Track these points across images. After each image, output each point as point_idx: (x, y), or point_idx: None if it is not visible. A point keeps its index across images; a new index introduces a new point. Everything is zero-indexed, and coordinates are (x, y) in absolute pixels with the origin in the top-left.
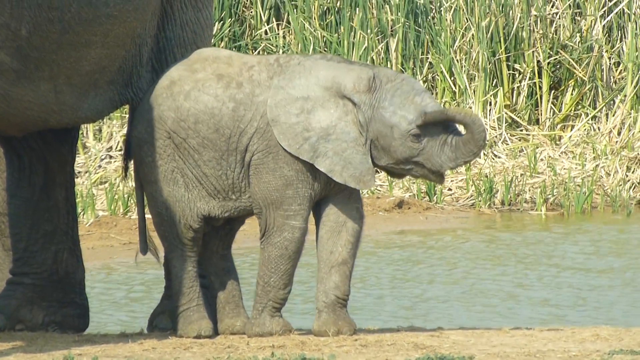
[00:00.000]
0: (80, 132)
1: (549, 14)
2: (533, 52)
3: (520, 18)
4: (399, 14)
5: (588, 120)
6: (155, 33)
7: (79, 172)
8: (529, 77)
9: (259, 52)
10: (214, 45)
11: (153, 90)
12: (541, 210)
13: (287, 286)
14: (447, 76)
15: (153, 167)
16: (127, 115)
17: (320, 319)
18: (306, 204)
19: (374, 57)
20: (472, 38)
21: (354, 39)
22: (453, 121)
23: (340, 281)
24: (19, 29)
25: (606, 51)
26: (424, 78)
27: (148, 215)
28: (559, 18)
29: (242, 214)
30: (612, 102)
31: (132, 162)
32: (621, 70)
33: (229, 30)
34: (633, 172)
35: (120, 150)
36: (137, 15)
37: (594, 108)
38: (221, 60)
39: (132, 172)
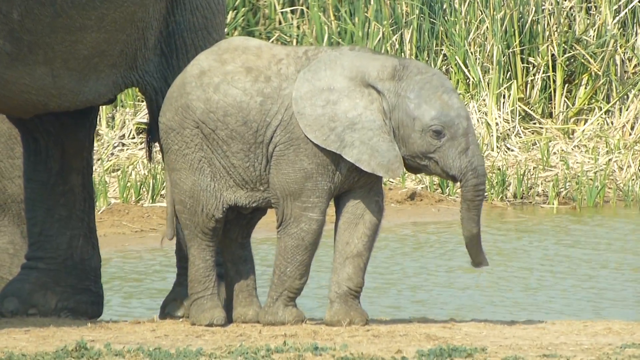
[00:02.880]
0: None
1: (564, 7)
2: (547, 45)
3: (535, 11)
4: (414, 5)
5: (601, 114)
6: (163, 17)
7: None
8: (543, 71)
9: (272, 41)
10: (228, 34)
11: (182, 78)
12: (553, 204)
13: (303, 276)
14: (462, 68)
15: (179, 155)
16: (141, 103)
17: (332, 309)
18: (325, 197)
19: (388, 48)
20: (487, 30)
21: (368, 29)
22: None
23: (353, 273)
24: (10, 12)
25: (620, 46)
26: (438, 69)
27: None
28: (574, 12)
29: (268, 204)
30: (625, 96)
31: (157, 147)
32: (635, 64)
33: (243, 19)
34: None
35: (133, 138)
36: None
37: (608, 102)
38: (250, 52)
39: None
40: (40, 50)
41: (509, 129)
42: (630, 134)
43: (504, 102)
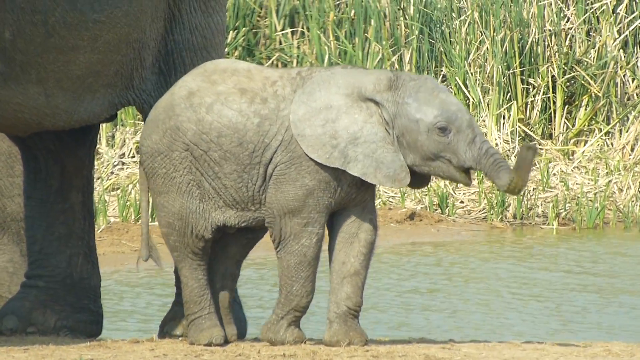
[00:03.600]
0: None
1: (564, 29)
2: (548, 66)
3: (535, 32)
4: (413, 25)
5: (601, 135)
6: (161, 36)
7: None
8: (543, 92)
9: (273, 61)
10: (228, 54)
11: (168, 100)
12: (553, 225)
13: (309, 294)
14: (462, 89)
15: (167, 178)
16: (141, 122)
17: (331, 329)
18: (325, 212)
19: (388, 69)
20: (487, 51)
21: (368, 50)
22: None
23: (352, 292)
24: (2, 31)
25: (621, 67)
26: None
27: (152, 223)
28: (574, 33)
29: (258, 224)
30: (626, 118)
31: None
32: (636, 86)
33: (244, 39)
34: None
35: (133, 157)
36: (129, 20)
37: (608, 124)
38: (240, 74)
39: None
40: (33, 70)
41: (509, 150)
42: (630, 156)
43: (504, 123)
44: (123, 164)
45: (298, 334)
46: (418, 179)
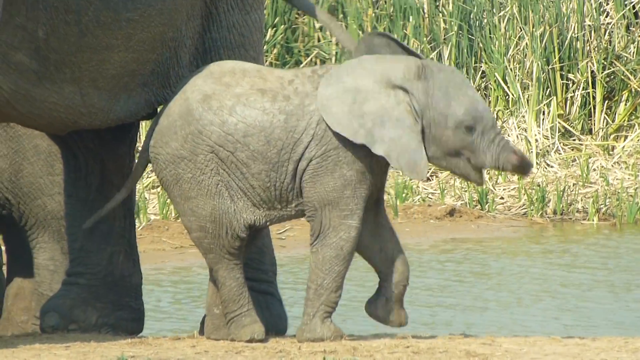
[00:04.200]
0: None
1: (603, 24)
2: (587, 62)
3: (574, 28)
4: (453, 21)
5: None
6: (198, 34)
7: None
8: (583, 87)
9: (311, 59)
10: (267, 51)
11: (183, 106)
12: (593, 220)
13: (339, 289)
14: (501, 84)
15: (194, 182)
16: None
17: (395, 311)
18: (362, 204)
19: None
20: (526, 47)
21: None
22: None
23: (404, 269)
24: (36, 30)
25: None
26: (477, 86)
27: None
28: (614, 28)
29: (281, 221)
30: None
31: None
32: None
33: (282, 37)
34: None
35: None
36: (163, 19)
37: None
38: (252, 75)
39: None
40: (67, 69)
41: (549, 146)
42: None
43: (543, 119)
44: None
45: (335, 329)
46: None
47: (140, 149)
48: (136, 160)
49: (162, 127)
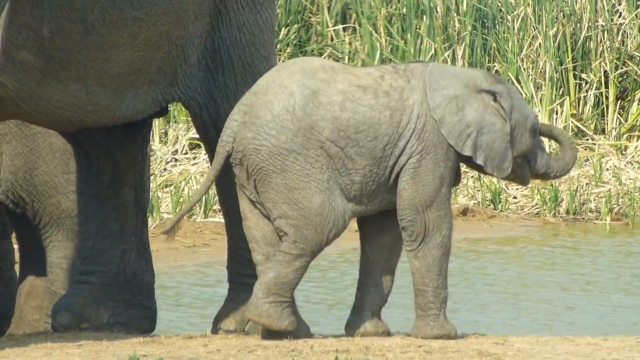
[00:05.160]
0: None
1: (616, 24)
2: (600, 62)
3: (587, 28)
4: (466, 21)
5: None
6: (207, 33)
7: None
8: (596, 87)
9: (325, 58)
10: (280, 50)
11: (287, 100)
12: (606, 220)
13: (447, 284)
14: (514, 84)
15: (302, 174)
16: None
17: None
18: (450, 200)
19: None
20: (539, 47)
21: (420, 46)
22: (554, 138)
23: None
24: (41, 28)
25: None
26: None
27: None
28: (627, 28)
29: (355, 217)
30: None
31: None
32: None
33: (295, 36)
34: None
35: (185, 153)
36: (169, 18)
37: None
38: (340, 71)
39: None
40: (73, 67)
41: None
42: None
43: (556, 118)
44: (176, 160)
45: (454, 327)
46: None
47: (220, 140)
48: (217, 149)
49: (264, 120)
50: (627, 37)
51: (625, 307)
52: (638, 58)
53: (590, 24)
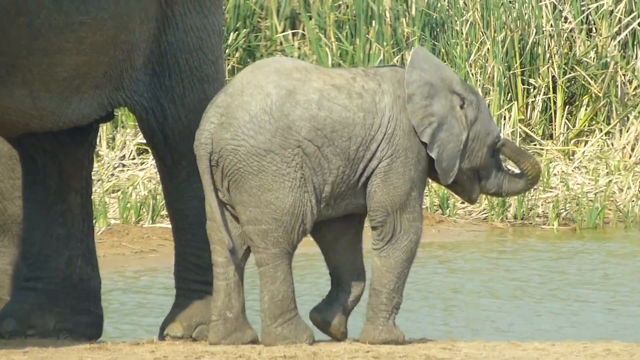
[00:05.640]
0: None
1: (564, 29)
2: (548, 67)
3: (535, 33)
4: (415, 26)
5: (602, 135)
6: (153, 37)
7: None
8: (544, 92)
9: None
10: (229, 55)
11: (264, 101)
12: (553, 225)
13: (402, 291)
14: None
15: (278, 175)
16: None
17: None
18: (421, 205)
19: None
20: (488, 52)
21: (369, 51)
22: (517, 163)
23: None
24: None
25: (621, 68)
26: None
27: (153, 225)
28: (574, 34)
29: (321, 219)
30: (626, 118)
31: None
32: (635, 86)
33: (244, 41)
34: None
35: (133, 158)
36: (115, 22)
37: (608, 124)
38: (314, 71)
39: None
40: (19, 72)
41: None
42: (630, 156)
43: (504, 124)
44: (123, 165)
45: (402, 333)
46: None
47: (199, 144)
48: (198, 155)
49: (242, 121)
50: (575, 42)
51: (553, 313)
52: (586, 63)
53: (538, 29)
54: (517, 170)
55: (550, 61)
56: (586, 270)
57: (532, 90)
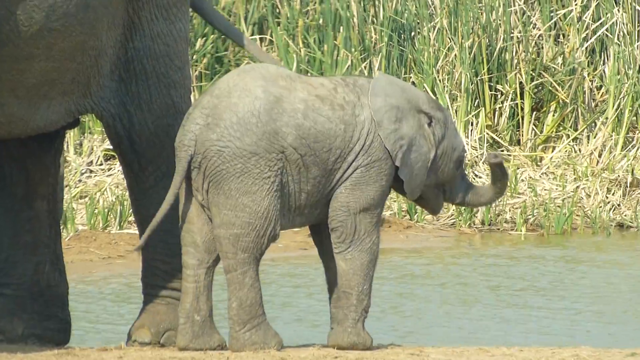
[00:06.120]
0: None
1: (532, 35)
2: (515, 73)
3: (503, 39)
4: (383, 32)
5: (569, 142)
6: (120, 43)
7: None
8: (511, 98)
9: None
10: (197, 61)
11: (252, 104)
12: (521, 231)
13: (370, 294)
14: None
15: (259, 178)
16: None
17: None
18: (382, 211)
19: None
20: (455, 58)
21: (337, 57)
22: (492, 174)
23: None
24: None
25: (588, 74)
26: None
27: (120, 231)
28: (542, 40)
29: (292, 228)
30: (593, 124)
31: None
32: (603, 92)
33: (212, 47)
34: (613, 194)
35: (101, 164)
36: (84, 28)
37: (576, 130)
38: (297, 80)
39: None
40: None
41: (477, 156)
42: (597, 162)
43: (472, 130)
44: (91, 171)
45: (370, 337)
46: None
47: (181, 145)
48: (177, 157)
49: (229, 122)
50: (542, 49)
51: (503, 319)
52: (553, 69)
53: (505, 35)
54: (482, 183)
55: (517, 67)
56: (539, 276)
57: (499, 96)
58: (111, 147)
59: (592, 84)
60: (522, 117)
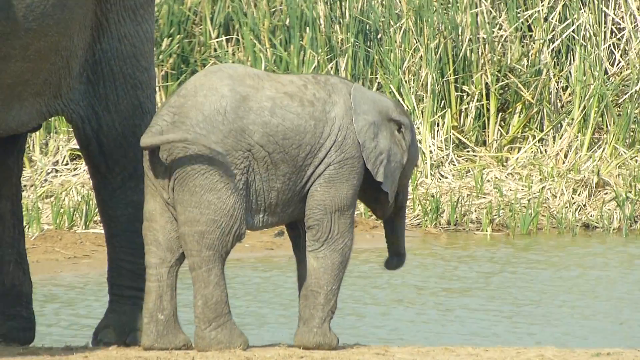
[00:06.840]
0: (27, 145)
1: (497, 36)
2: (481, 74)
3: (469, 40)
4: (349, 33)
5: (535, 142)
6: (89, 45)
7: (24, 186)
8: (477, 99)
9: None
10: (163, 61)
11: (219, 103)
12: (487, 231)
13: (338, 295)
14: (396, 96)
15: (225, 176)
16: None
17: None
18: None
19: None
20: (421, 59)
21: (304, 57)
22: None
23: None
24: None
25: (554, 75)
26: None
27: (86, 230)
28: (508, 41)
29: (266, 228)
30: (559, 125)
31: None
32: (569, 93)
33: (178, 47)
34: (579, 194)
35: (66, 164)
36: (59, 29)
37: (541, 131)
38: (266, 78)
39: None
40: None
41: (443, 157)
42: (563, 162)
43: (437, 130)
44: (56, 171)
45: (336, 337)
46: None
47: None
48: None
49: (195, 121)
50: (508, 50)
51: (435, 319)
52: (519, 70)
53: (471, 36)
54: (447, 184)
55: (483, 68)
56: (485, 276)
57: (465, 97)
58: (77, 146)
59: (558, 85)
60: (488, 118)
